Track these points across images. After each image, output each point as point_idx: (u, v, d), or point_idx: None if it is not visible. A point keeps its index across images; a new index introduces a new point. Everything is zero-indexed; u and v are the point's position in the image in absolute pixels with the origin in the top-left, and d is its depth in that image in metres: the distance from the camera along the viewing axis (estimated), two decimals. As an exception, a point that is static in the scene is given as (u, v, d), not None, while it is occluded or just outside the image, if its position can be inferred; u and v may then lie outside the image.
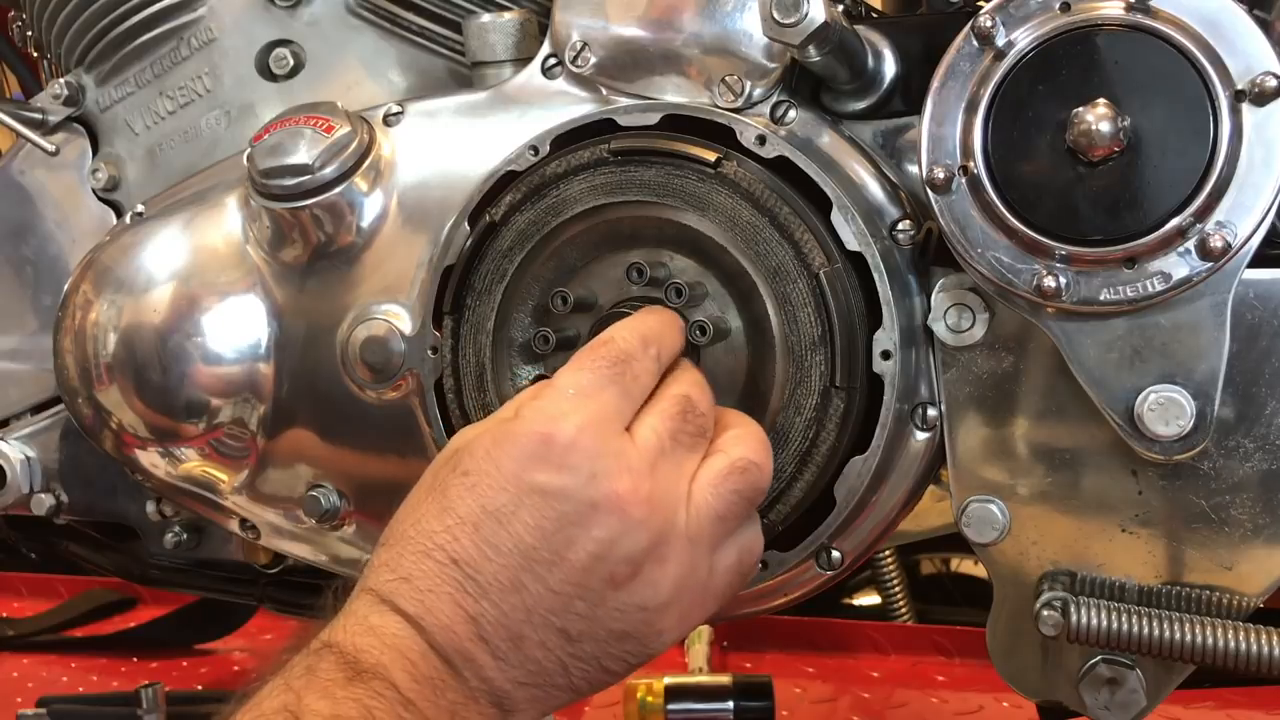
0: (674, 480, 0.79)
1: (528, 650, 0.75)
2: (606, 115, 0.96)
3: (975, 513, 0.92)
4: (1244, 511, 0.87)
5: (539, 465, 0.75)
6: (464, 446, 0.78)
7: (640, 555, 0.76)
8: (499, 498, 0.75)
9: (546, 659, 0.76)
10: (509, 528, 0.75)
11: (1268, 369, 0.85)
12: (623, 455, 0.76)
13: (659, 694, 1.50)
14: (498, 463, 0.76)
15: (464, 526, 0.75)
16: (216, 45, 1.17)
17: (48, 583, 2.12)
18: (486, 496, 0.75)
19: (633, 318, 0.86)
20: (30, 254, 1.27)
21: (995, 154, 0.83)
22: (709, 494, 0.80)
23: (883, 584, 1.92)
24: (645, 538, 0.76)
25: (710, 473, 0.81)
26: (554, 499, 0.75)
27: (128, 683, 1.75)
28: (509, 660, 0.75)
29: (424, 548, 0.75)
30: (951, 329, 0.91)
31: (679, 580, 0.78)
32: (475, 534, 0.75)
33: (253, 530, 1.13)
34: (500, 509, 0.75)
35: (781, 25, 0.84)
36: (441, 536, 0.75)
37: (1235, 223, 0.79)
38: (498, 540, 0.74)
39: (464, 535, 0.75)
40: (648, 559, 0.76)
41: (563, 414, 0.76)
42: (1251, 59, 0.79)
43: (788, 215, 0.89)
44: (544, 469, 0.75)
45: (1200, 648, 0.85)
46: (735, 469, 0.81)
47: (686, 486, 0.79)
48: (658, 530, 0.77)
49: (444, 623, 0.74)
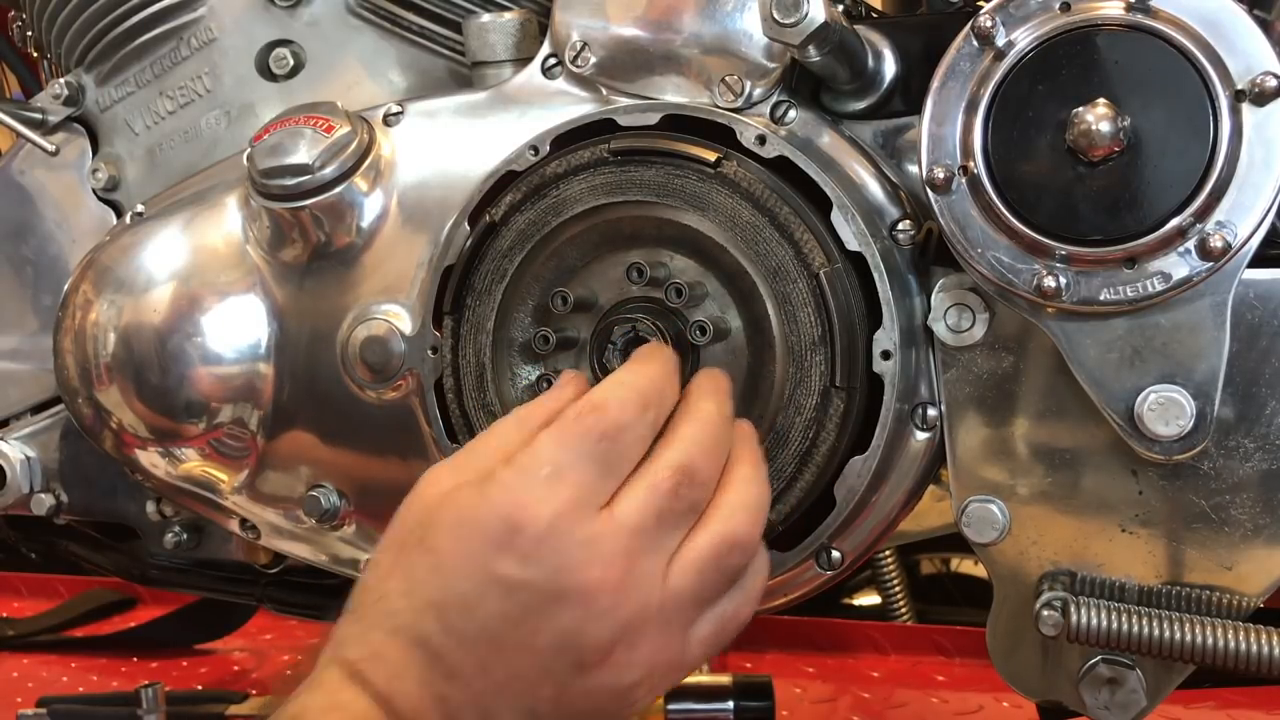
0: (651, 562, 0.75)
1: None
2: (606, 115, 0.96)
3: (975, 513, 0.92)
4: (1244, 511, 0.87)
5: (504, 556, 0.72)
6: (431, 513, 0.75)
7: (608, 643, 0.74)
8: (463, 584, 0.73)
9: None
10: (474, 615, 0.73)
11: (1268, 369, 0.85)
12: (594, 544, 0.73)
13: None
14: (463, 546, 0.73)
15: (430, 610, 0.73)
16: (216, 45, 1.17)
17: (48, 583, 2.12)
18: (451, 582, 0.73)
19: (631, 372, 0.81)
20: (30, 254, 1.28)
21: (995, 154, 0.83)
22: (689, 577, 0.76)
23: (883, 584, 1.92)
24: (613, 626, 0.74)
25: (693, 553, 0.76)
26: (518, 592, 0.72)
27: (128, 683, 1.75)
28: None
29: (392, 626, 0.74)
30: (951, 329, 0.91)
31: (650, 661, 0.76)
32: (441, 619, 0.73)
33: (253, 530, 1.13)
34: (465, 596, 0.73)
35: (781, 25, 0.84)
36: (407, 616, 0.73)
37: (1235, 223, 0.79)
38: (463, 626, 0.73)
39: (429, 619, 0.73)
40: (617, 645, 0.74)
41: (535, 501, 0.73)
42: (1251, 59, 0.79)
43: (788, 215, 0.89)
44: (509, 560, 0.72)
45: (1200, 648, 0.85)
46: (721, 549, 0.77)
47: (664, 567, 0.76)
48: (627, 618, 0.74)
49: (414, 705, 0.73)
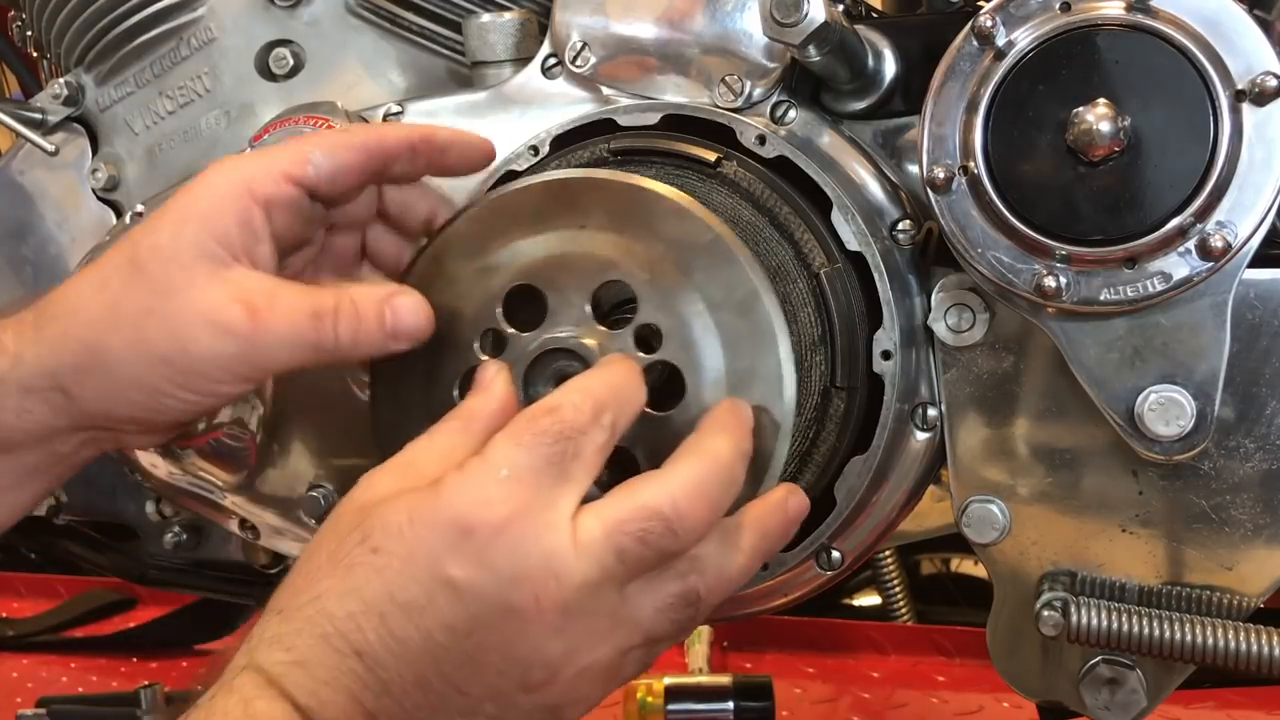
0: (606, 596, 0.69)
1: None
2: (606, 115, 0.96)
3: (975, 513, 0.92)
4: (1244, 512, 0.87)
5: (455, 558, 0.67)
6: (374, 513, 0.69)
7: (558, 662, 0.69)
8: (410, 589, 0.67)
9: None
10: (419, 622, 0.67)
11: (1268, 369, 0.85)
12: (551, 557, 0.68)
13: (659, 694, 1.50)
14: (411, 547, 0.67)
15: (369, 615, 0.67)
16: (216, 45, 1.17)
17: (48, 583, 2.12)
18: (396, 585, 0.67)
19: (586, 377, 0.75)
20: (30, 254, 1.27)
21: (995, 154, 0.82)
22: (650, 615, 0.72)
23: (883, 584, 1.92)
24: (563, 646, 0.69)
25: (658, 596, 0.72)
26: (468, 598, 0.67)
27: (127, 683, 1.75)
28: None
29: (324, 631, 0.67)
30: (952, 329, 0.91)
31: (598, 679, 0.71)
32: (381, 625, 0.67)
33: (252, 530, 1.13)
34: (410, 601, 0.67)
35: (781, 25, 0.84)
36: (344, 623, 0.67)
37: (1235, 222, 0.79)
38: (405, 635, 0.67)
39: (369, 625, 0.67)
40: (565, 665, 0.70)
41: (488, 501, 0.67)
42: (1252, 59, 0.78)
43: (788, 215, 0.89)
44: (461, 563, 0.67)
45: (1200, 648, 0.85)
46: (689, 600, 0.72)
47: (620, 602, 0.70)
48: (578, 641, 0.69)
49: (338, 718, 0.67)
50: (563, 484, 0.69)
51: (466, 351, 0.82)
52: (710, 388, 0.77)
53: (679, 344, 0.78)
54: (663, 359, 0.78)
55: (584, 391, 0.72)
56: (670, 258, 0.78)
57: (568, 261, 0.80)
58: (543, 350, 0.80)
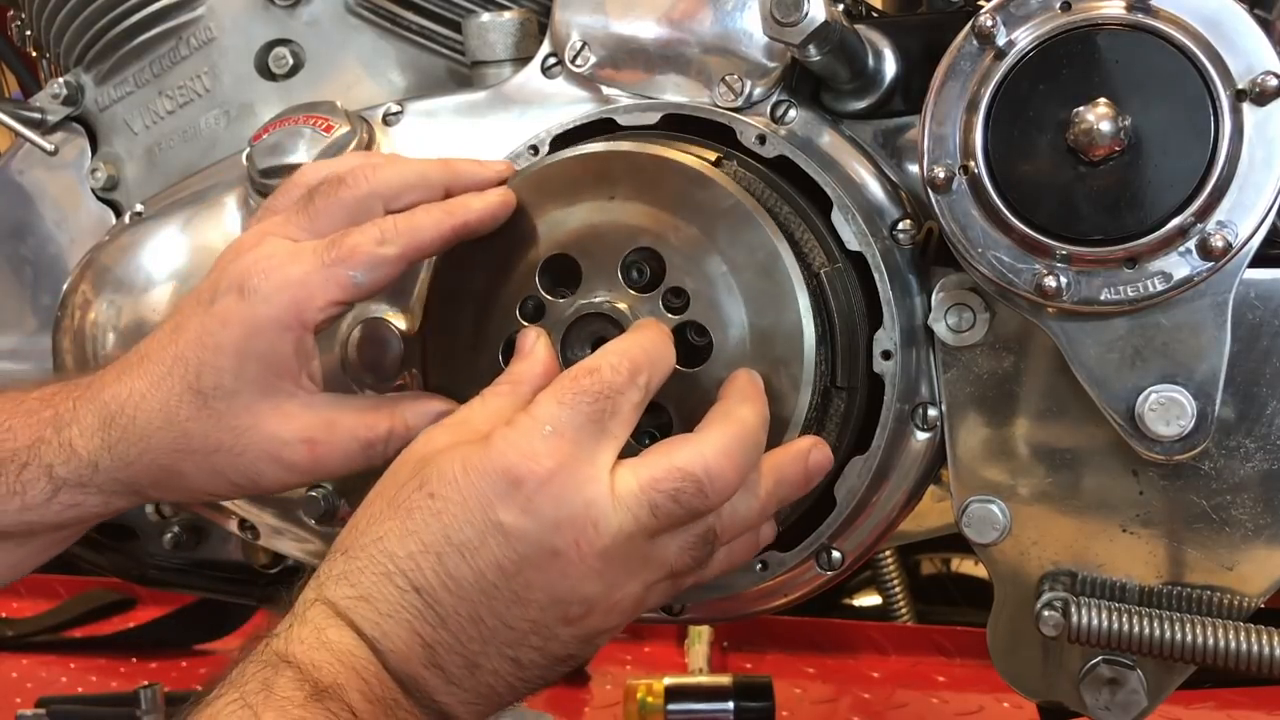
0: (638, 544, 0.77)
1: (480, 677, 0.76)
2: (606, 115, 0.96)
3: (976, 513, 0.92)
4: (1245, 512, 0.87)
5: (505, 503, 0.74)
6: (431, 462, 0.76)
7: (594, 600, 0.76)
8: (464, 531, 0.74)
9: (497, 684, 0.76)
10: (472, 562, 0.74)
11: (1268, 369, 0.85)
12: (591, 506, 0.75)
13: (659, 694, 1.50)
14: (465, 494, 0.74)
15: (427, 555, 0.74)
16: (216, 44, 1.17)
17: (47, 583, 2.12)
18: (452, 527, 0.74)
19: (622, 340, 0.82)
20: (29, 254, 1.27)
21: (996, 153, 0.82)
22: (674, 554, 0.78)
23: (883, 584, 1.92)
24: (600, 586, 0.76)
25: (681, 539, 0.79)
26: (516, 541, 0.74)
27: (127, 683, 1.75)
28: (461, 685, 0.75)
29: (385, 569, 0.74)
30: (952, 329, 0.90)
31: (627, 610, 0.79)
32: (438, 564, 0.74)
33: (251, 530, 1.13)
34: (465, 542, 0.74)
35: (782, 24, 0.84)
36: (404, 562, 0.74)
37: (1236, 222, 0.79)
38: (460, 574, 0.74)
39: (427, 564, 0.74)
40: (601, 602, 0.77)
41: (535, 454, 0.74)
42: (1252, 58, 0.78)
43: (788, 215, 0.89)
44: (510, 508, 0.74)
45: (1201, 648, 0.84)
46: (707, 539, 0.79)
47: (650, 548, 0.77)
48: (612, 581, 0.76)
49: (401, 648, 0.74)
50: (602, 439, 0.76)
51: (509, 318, 0.89)
52: (735, 345, 0.84)
53: (705, 304, 0.84)
54: (691, 319, 0.85)
55: (621, 354, 0.79)
56: (695, 223, 0.84)
57: (599, 231, 0.87)
58: (578, 315, 0.87)
